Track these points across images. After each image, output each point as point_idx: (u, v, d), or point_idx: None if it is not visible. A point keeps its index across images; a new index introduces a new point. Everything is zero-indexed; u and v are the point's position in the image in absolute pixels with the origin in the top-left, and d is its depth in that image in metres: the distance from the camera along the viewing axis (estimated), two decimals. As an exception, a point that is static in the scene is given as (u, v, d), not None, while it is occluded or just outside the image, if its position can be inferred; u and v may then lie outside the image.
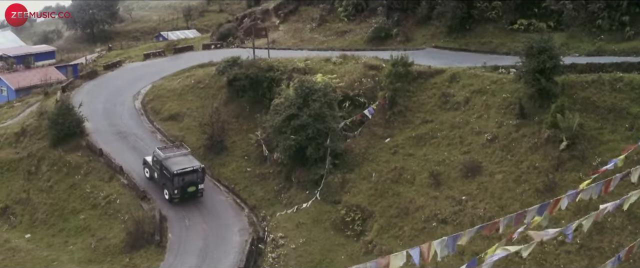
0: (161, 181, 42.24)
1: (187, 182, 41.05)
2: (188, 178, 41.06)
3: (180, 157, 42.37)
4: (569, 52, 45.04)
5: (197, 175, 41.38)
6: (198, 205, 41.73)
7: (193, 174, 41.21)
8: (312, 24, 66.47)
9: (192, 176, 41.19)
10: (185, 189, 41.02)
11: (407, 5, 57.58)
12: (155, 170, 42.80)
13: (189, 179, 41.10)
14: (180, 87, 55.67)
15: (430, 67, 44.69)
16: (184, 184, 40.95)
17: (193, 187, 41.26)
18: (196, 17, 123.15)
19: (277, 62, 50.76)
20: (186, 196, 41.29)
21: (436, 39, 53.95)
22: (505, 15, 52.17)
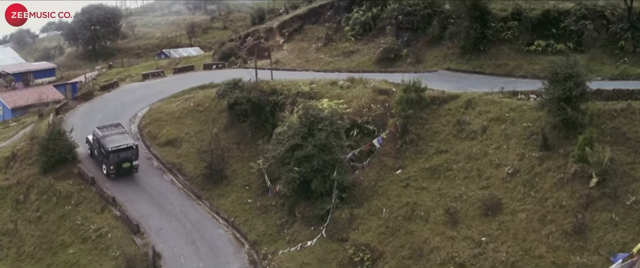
0: (100, 158, 45.96)
1: (121, 159, 44.68)
2: (123, 155, 44.69)
3: (117, 135, 46.07)
4: (591, 76, 42.16)
5: (131, 152, 44.96)
6: (196, 240, 38.83)
7: (127, 151, 44.83)
8: (317, 43, 63.85)
9: (127, 153, 44.81)
10: (120, 165, 44.74)
11: (418, 25, 54.87)
12: (95, 147, 46.69)
13: (123, 156, 44.71)
14: (179, 110, 52.97)
15: (444, 92, 41.82)
16: (119, 160, 44.62)
17: (127, 163, 44.96)
18: (200, 34, 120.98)
19: (280, 84, 48.04)
20: (121, 172, 44.90)
21: (448, 60, 51.16)
22: (522, 36, 49.42)
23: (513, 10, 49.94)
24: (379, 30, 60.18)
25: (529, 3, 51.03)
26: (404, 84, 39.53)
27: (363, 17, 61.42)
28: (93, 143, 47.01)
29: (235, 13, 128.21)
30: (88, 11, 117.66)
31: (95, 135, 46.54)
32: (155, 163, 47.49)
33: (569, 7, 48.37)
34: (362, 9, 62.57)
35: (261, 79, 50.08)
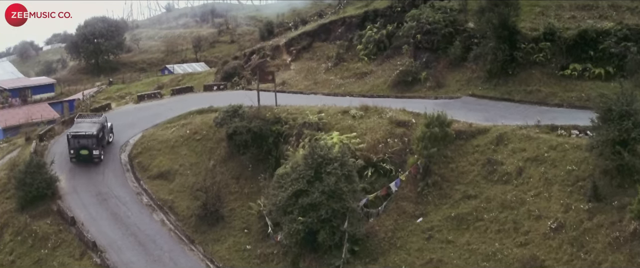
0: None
1: (81, 145, 45.72)
2: (82, 142, 45.64)
3: (87, 123, 47.75)
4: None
5: (91, 141, 45.70)
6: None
7: (87, 139, 45.73)
8: (327, 63, 58.77)
9: (86, 140, 45.69)
10: (78, 151, 45.84)
11: (438, 45, 49.67)
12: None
13: (83, 143, 45.67)
14: (173, 137, 47.97)
15: (472, 125, 36.58)
16: (79, 146, 45.73)
17: (85, 151, 45.85)
18: (206, 48, 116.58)
19: (285, 112, 42.97)
20: (81, 158, 46.03)
21: (473, 85, 45.90)
22: (555, 59, 44.15)
23: (545, 29, 44.68)
24: (395, 50, 55.05)
25: (563, 22, 45.81)
26: (426, 116, 34.28)
27: (377, 35, 56.35)
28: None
29: (244, 27, 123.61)
30: (91, 24, 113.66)
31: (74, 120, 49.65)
32: (145, 200, 42.45)
33: (608, 26, 43.08)
34: (376, 26, 57.55)
35: (264, 105, 45.04)
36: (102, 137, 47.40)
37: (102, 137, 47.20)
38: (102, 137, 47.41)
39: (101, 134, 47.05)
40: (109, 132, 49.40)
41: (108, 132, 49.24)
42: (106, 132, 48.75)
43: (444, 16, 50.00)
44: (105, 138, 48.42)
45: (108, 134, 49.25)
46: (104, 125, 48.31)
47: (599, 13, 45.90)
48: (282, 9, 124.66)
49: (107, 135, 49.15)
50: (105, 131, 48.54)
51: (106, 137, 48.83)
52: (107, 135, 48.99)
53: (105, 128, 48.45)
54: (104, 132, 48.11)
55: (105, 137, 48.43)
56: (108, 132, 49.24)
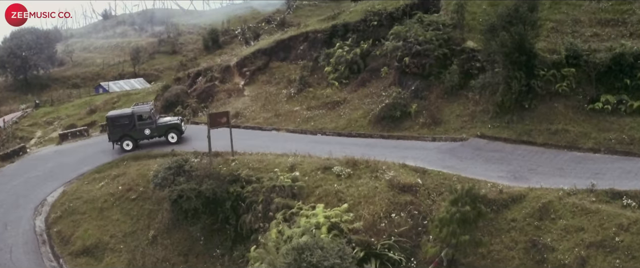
0: None
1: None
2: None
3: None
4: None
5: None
6: None
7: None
8: (289, 88, 48.90)
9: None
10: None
11: (429, 69, 40.36)
12: None
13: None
14: (102, 196, 37.65)
15: (502, 190, 27.29)
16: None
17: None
18: (146, 59, 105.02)
19: (245, 167, 33.16)
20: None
21: (479, 122, 36.79)
22: (581, 89, 35.46)
23: (567, 51, 35.88)
24: (371, 73, 45.68)
25: (584, 40, 37.21)
26: (452, 190, 24.77)
27: (349, 55, 46.82)
28: None
29: (186, 35, 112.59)
30: (17, 36, 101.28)
31: None
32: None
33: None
34: (347, 43, 48.03)
35: (216, 152, 35.10)
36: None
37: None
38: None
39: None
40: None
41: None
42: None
43: (437, 34, 40.76)
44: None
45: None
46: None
47: (628, 30, 37.39)
48: (227, 15, 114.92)
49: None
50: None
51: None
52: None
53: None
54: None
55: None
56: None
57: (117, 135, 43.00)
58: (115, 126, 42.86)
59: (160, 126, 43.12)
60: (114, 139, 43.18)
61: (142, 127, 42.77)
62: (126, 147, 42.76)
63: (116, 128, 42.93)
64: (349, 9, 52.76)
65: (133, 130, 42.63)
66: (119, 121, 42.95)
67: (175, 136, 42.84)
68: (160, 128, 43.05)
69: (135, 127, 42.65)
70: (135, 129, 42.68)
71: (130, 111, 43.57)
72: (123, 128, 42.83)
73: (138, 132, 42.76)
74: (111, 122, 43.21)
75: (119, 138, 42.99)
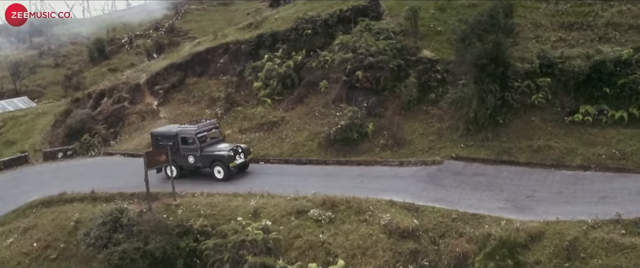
0: None
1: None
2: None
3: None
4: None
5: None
6: None
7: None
8: (213, 108, 43.29)
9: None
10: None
11: (384, 83, 36.15)
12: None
13: None
14: (13, 256, 30.52)
15: (519, 228, 23.35)
16: None
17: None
18: (26, 74, 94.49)
19: (196, 214, 27.38)
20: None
21: (448, 141, 33.05)
22: (559, 100, 32.44)
23: (541, 59, 32.78)
24: (309, 88, 40.96)
25: (551, 46, 34.35)
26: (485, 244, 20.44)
27: (282, 68, 41.76)
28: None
29: (68, 46, 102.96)
30: None
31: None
32: None
33: (623, 54, 31.84)
34: (276, 54, 42.88)
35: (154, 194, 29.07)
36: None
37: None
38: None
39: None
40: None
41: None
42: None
43: (390, 43, 36.61)
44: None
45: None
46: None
47: (596, 34, 34.87)
48: (111, 23, 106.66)
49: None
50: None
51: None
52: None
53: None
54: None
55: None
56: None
57: None
58: (159, 146, 34.13)
59: (205, 155, 33.58)
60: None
61: (186, 153, 33.92)
62: (170, 173, 33.01)
63: (159, 148, 34.01)
64: (274, 16, 47.62)
65: (177, 154, 33.67)
66: (162, 141, 34.40)
67: (222, 171, 33.17)
68: (205, 158, 33.57)
69: (179, 152, 33.85)
70: (178, 153, 33.80)
71: (175, 131, 34.65)
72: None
73: (181, 158, 33.95)
74: (155, 141, 35.04)
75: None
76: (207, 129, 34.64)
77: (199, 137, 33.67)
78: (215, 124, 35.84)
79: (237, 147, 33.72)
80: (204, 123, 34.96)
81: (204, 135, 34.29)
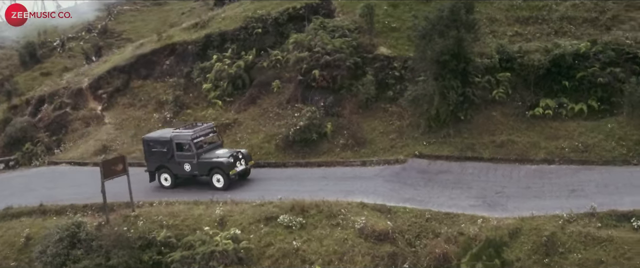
0: None
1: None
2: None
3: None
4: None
5: None
6: None
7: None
8: (162, 111, 41.72)
9: None
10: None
11: (341, 82, 35.42)
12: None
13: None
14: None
15: (498, 226, 22.97)
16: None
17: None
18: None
19: (159, 226, 25.93)
20: None
21: (410, 138, 32.64)
22: (519, 94, 32.42)
23: (500, 54, 32.68)
24: (260, 88, 39.86)
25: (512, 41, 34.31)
26: (466, 244, 19.89)
27: (231, 69, 40.49)
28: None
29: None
30: None
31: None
32: None
33: (581, 47, 32.02)
34: (226, 55, 41.56)
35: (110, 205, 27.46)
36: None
37: None
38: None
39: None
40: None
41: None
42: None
43: (346, 41, 35.90)
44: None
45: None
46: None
47: (552, 28, 35.09)
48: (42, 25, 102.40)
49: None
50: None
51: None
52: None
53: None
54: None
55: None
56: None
57: (153, 164, 31.94)
58: (152, 153, 31.75)
59: (202, 162, 30.70)
60: (150, 169, 32.12)
61: (181, 160, 30.99)
62: (164, 182, 31.62)
63: (152, 155, 31.80)
64: (221, 15, 46.21)
65: (171, 161, 31.19)
66: (155, 147, 31.61)
67: (222, 180, 30.35)
68: (203, 165, 30.70)
69: (174, 159, 31.13)
70: (173, 160, 31.17)
71: (169, 136, 31.53)
72: (160, 157, 31.50)
73: (176, 165, 31.19)
74: (147, 147, 32.04)
75: (155, 169, 31.98)
76: (204, 133, 31.87)
77: (196, 142, 30.95)
78: (213, 128, 32.96)
79: (237, 152, 31.00)
80: (200, 127, 32.09)
81: (200, 140, 31.57)
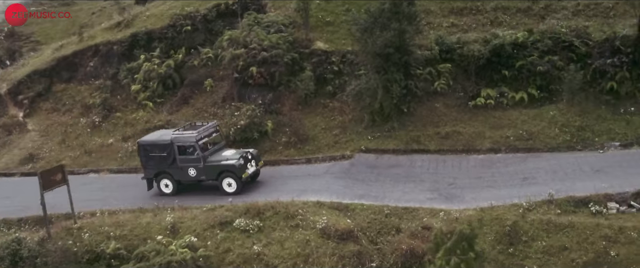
0: None
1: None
2: None
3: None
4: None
5: None
6: None
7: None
8: (89, 116, 39.68)
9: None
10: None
11: (279, 78, 34.62)
12: None
13: None
14: None
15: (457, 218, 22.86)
16: None
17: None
18: None
19: (105, 238, 24.44)
20: None
21: (353, 133, 32.27)
22: (460, 85, 32.63)
23: (439, 45, 32.75)
24: (193, 88, 38.58)
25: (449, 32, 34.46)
26: (438, 237, 19.44)
27: (161, 68, 38.95)
28: None
29: None
30: None
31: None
32: None
33: (519, 37, 32.49)
34: (154, 54, 39.93)
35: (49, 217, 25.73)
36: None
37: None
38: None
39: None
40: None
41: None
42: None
43: (282, 36, 35.12)
44: None
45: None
46: None
47: (487, 18, 35.44)
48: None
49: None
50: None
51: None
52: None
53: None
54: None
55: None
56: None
57: (151, 170, 29.14)
58: (149, 158, 29.01)
59: (210, 166, 28.11)
60: (148, 176, 29.35)
61: (185, 164, 28.37)
62: (165, 189, 28.96)
63: (150, 160, 29.04)
64: (145, 13, 44.37)
65: (172, 166, 28.54)
66: (153, 152, 28.88)
67: (234, 184, 27.86)
68: (211, 169, 28.14)
69: (175, 163, 28.50)
70: (175, 164, 28.52)
71: (169, 139, 28.67)
72: (159, 161, 28.76)
73: (179, 170, 28.55)
74: (144, 152, 29.25)
75: (154, 175, 29.20)
76: (208, 133, 29.19)
77: (201, 144, 28.49)
78: (216, 127, 30.29)
79: (246, 153, 28.62)
80: (204, 126, 29.30)
81: (205, 141, 28.99)
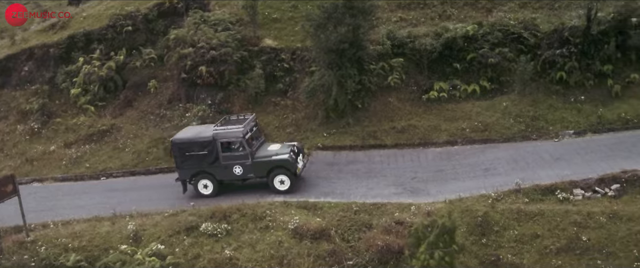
0: None
1: None
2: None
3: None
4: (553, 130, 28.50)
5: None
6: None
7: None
8: (28, 122, 37.83)
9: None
10: None
11: (229, 77, 33.89)
12: None
13: None
14: None
15: (430, 212, 22.83)
16: None
17: None
18: None
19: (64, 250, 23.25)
20: None
21: (309, 131, 32.01)
22: (413, 79, 32.76)
23: (391, 40, 32.80)
24: (136, 90, 37.41)
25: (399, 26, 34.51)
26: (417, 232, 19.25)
27: (102, 71, 37.54)
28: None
29: None
30: None
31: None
32: None
33: (469, 30, 32.86)
34: (93, 56, 38.41)
35: None
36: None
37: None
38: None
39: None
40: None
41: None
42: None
43: (230, 34, 34.40)
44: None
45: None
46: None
47: (436, 12, 35.59)
48: None
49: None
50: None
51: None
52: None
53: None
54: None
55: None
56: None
57: (188, 171, 26.74)
58: (185, 157, 26.57)
59: (260, 162, 26.07)
60: (183, 177, 27.00)
61: (229, 162, 26.08)
62: (204, 190, 26.67)
63: (187, 160, 26.61)
64: (81, 14, 42.66)
65: (215, 164, 26.28)
66: (191, 150, 26.46)
67: (288, 180, 25.88)
68: (260, 166, 26.02)
69: (218, 161, 26.23)
70: (218, 163, 26.24)
71: (210, 135, 26.31)
72: (198, 160, 26.41)
73: (222, 169, 26.24)
74: (179, 151, 26.70)
75: (192, 176, 26.83)
76: (251, 127, 27.15)
77: (248, 138, 26.43)
78: (255, 120, 28.28)
79: (293, 146, 26.76)
80: (247, 120, 27.03)
81: (249, 136, 26.80)
